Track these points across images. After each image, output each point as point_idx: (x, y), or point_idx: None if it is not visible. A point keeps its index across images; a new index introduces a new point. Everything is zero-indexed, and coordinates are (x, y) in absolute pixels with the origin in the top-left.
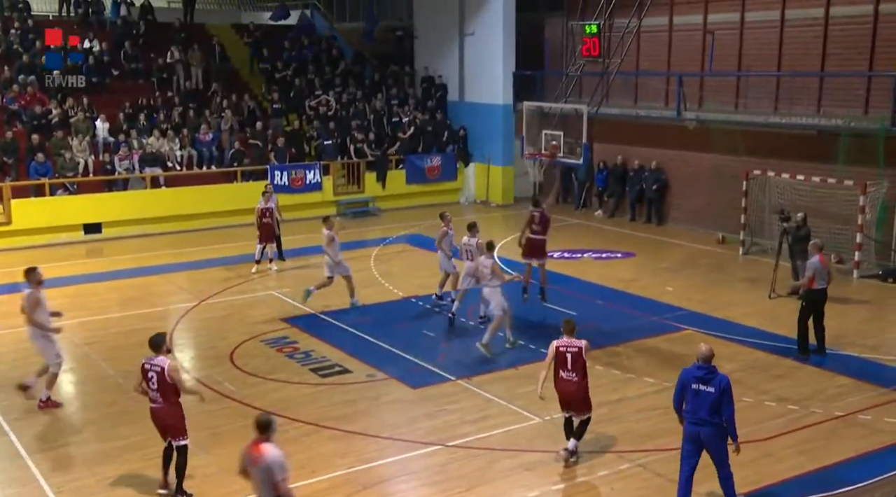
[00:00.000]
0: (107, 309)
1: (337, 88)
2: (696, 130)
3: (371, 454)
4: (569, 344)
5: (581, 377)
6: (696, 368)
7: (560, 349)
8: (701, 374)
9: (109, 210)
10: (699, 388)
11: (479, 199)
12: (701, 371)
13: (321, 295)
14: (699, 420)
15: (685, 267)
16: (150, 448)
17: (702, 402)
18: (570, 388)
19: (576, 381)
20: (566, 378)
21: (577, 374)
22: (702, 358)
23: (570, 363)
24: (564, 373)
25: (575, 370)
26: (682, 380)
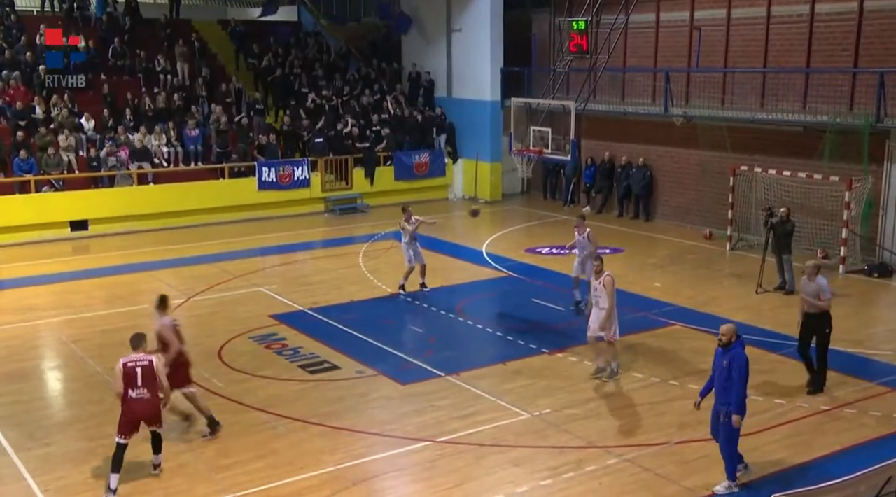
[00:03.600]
0: (93, 306)
1: (322, 82)
2: (683, 127)
3: (360, 450)
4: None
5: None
6: (742, 342)
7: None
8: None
9: (96, 207)
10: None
11: (467, 196)
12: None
13: (308, 292)
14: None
15: (673, 263)
16: (138, 447)
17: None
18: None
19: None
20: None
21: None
22: (734, 331)
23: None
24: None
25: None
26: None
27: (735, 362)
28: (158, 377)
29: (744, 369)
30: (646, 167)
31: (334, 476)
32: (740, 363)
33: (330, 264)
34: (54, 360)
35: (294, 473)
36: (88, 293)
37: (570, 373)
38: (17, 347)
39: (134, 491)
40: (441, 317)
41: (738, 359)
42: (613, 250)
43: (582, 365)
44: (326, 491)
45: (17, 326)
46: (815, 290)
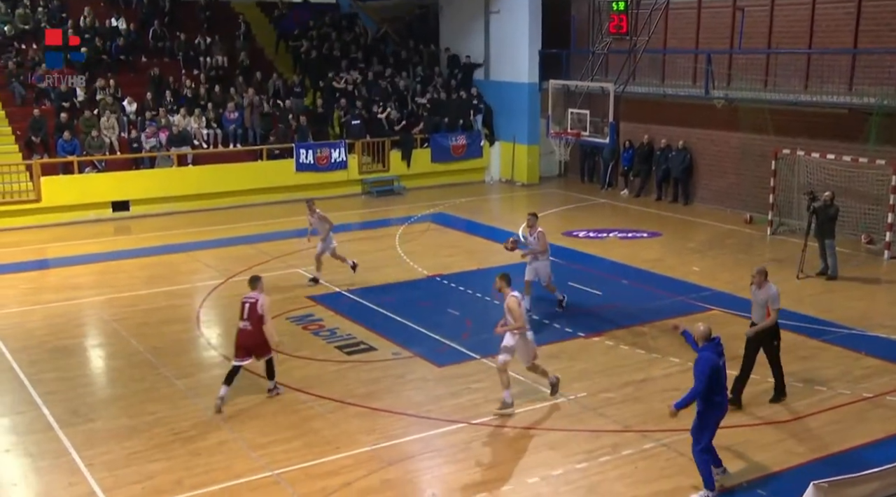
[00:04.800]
0: (134, 286)
1: (360, 65)
2: (724, 109)
3: (396, 431)
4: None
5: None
6: (716, 345)
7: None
8: (721, 349)
9: (137, 188)
10: (722, 362)
11: (503, 178)
12: (720, 346)
13: (345, 273)
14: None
15: (712, 247)
16: (177, 423)
17: (724, 375)
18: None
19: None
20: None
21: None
22: (706, 335)
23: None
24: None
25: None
26: (713, 366)
27: (697, 365)
28: (263, 314)
29: (703, 372)
30: (685, 150)
31: (370, 456)
32: (700, 366)
33: (367, 246)
34: (97, 338)
35: (331, 453)
36: (130, 273)
37: (606, 357)
38: (61, 325)
39: (177, 466)
40: (477, 300)
41: (700, 361)
42: (651, 234)
43: (618, 349)
44: (362, 470)
45: (61, 304)
46: (764, 299)
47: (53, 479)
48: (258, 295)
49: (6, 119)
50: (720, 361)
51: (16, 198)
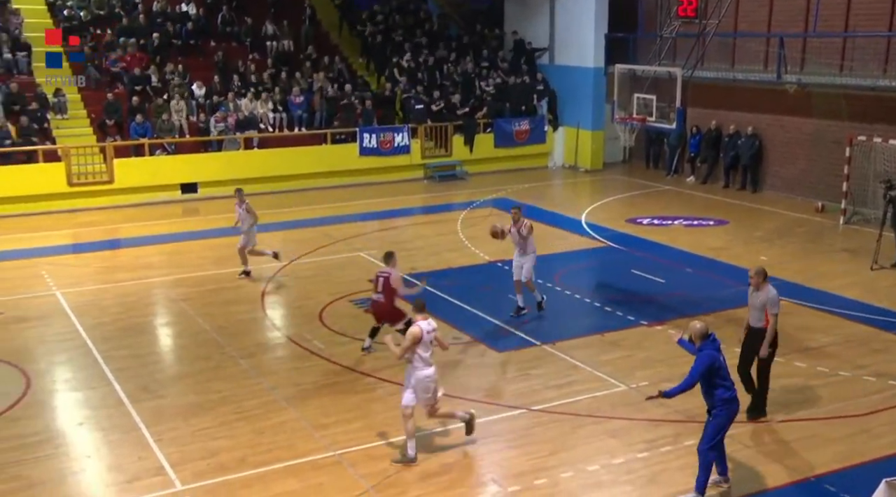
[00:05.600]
0: (202, 267)
1: (424, 49)
2: (796, 94)
3: None
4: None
5: None
6: (712, 342)
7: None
8: (719, 344)
9: (205, 170)
10: (723, 358)
11: (567, 164)
12: (717, 342)
13: (407, 257)
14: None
15: (781, 236)
16: (242, 401)
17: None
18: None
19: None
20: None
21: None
22: (704, 333)
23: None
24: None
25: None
26: (712, 362)
27: (696, 360)
28: (395, 288)
29: (696, 367)
30: (755, 136)
31: (430, 439)
32: (699, 360)
33: (429, 230)
34: (166, 316)
35: (392, 435)
36: (198, 254)
37: (669, 345)
38: (132, 304)
39: (241, 444)
40: (538, 286)
41: (700, 358)
42: (717, 222)
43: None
44: (422, 453)
45: (132, 283)
46: (762, 302)
47: (124, 452)
48: (391, 270)
49: (82, 102)
50: (720, 358)
51: (90, 179)
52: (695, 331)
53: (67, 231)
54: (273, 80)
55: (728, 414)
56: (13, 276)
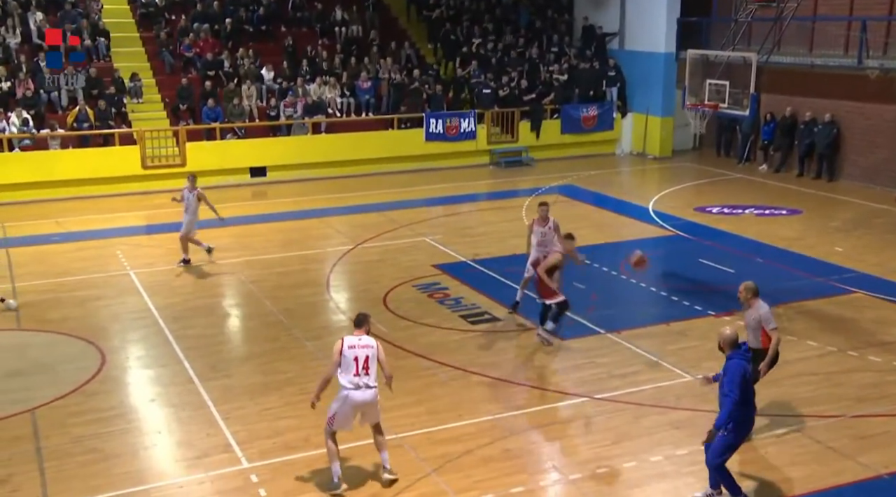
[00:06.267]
0: (269, 249)
1: (491, 36)
2: (878, 80)
3: (518, 402)
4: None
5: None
6: (744, 352)
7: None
8: (750, 356)
9: (273, 154)
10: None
11: (635, 151)
12: (750, 353)
13: (471, 243)
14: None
15: (858, 226)
16: (307, 383)
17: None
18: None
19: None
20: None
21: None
22: (733, 341)
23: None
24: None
25: None
26: (745, 370)
27: (727, 374)
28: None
29: (733, 380)
30: (832, 124)
31: (492, 425)
32: (730, 373)
33: (493, 217)
34: (234, 298)
35: (453, 420)
36: (265, 237)
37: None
38: (203, 284)
39: (305, 424)
40: (604, 274)
41: (730, 368)
42: (791, 211)
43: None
44: (485, 438)
45: (203, 265)
46: (756, 320)
47: (193, 429)
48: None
49: (156, 87)
50: (749, 368)
51: (164, 162)
52: (724, 337)
53: (141, 213)
54: (342, 65)
55: (742, 433)
56: (90, 255)
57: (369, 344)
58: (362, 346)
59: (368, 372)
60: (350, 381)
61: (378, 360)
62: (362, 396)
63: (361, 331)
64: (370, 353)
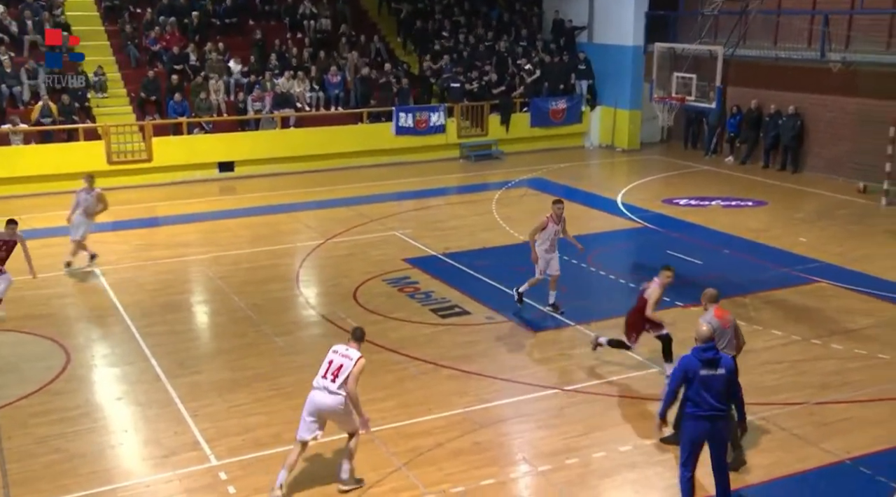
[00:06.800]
0: (238, 245)
1: (462, 29)
2: (840, 73)
3: (488, 395)
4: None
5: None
6: (702, 351)
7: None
8: (709, 357)
9: (242, 149)
10: (709, 374)
11: (603, 144)
12: (708, 353)
13: (442, 237)
14: (713, 411)
15: (821, 217)
16: (277, 378)
17: (714, 389)
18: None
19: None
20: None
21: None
22: (703, 338)
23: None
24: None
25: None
26: (685, 369)
27: (735, 369)
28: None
29: (673, 372)
30: (797, 116)
31: (462, 418)
32: (674, 368)
33: (463, 210)
34: (202, 294)
35: (424, 414)
36: (234, 232)
37: None
38: (170, 281)
39: (276, 420)
40: (573, 266)
41: (733, 363)
42: (756, 203)
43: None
44: (455, 432)
45: (170, 261)
46: (736, 324)
47: (160, 427)
48: (649, 284)
49: (121, 81)
50: (699, 368)
51: (129, 158)
52: (696, 332)
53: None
54: (311, 59)
55: (687, 433)
56: (55, 252)
57: (350, 356)
58: (343, 355)
59: (335, 379)
60: (317, 382)
61: (349, 372)
62: (321, 399)
63: (354, 343)
64: (346, 363)
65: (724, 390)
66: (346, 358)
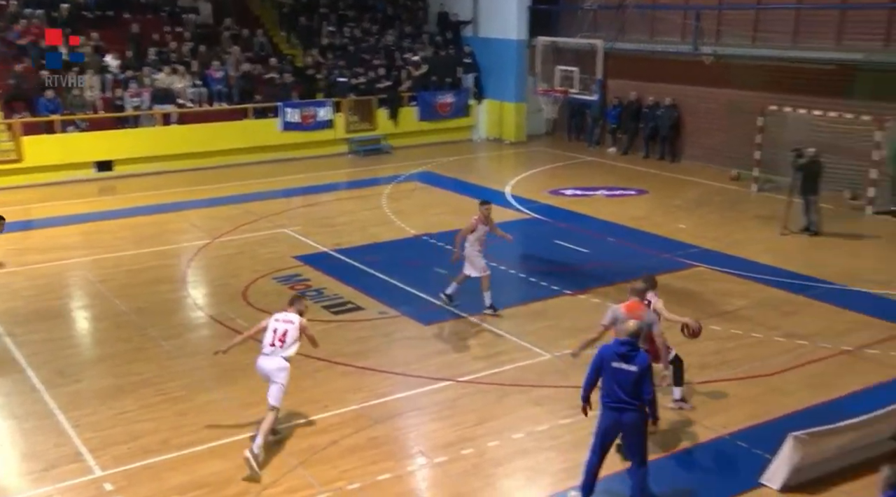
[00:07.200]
0: (121, 247)
1: (349, 23)
2: (712, 65)
3: (383, 389)
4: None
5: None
6: (619, 344)
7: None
8: (623, 351)
9: (121, 147)
10: (620, 367)
11: (491, 137)
12: (623, 347)
13: (332, 233)
14: (620, 403)
15: (698, 204)
16: (165, 383)
17: (622, 383)
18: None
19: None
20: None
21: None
22: (626, 332)
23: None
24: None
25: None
26: (601, 357)
27: (648, 368)
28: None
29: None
30: (673, 107)
31: (358, 414)
32: (650, 367)
33: (353, 206)
34: (82, 299)
35: (319, 411)
36: (115, 233)
37: (593, 314)
38: (46, 286)
39: (164, 426)
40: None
41: (647, 361)
42: (638, 192)
43: (605, 306)
44: (350, 428)
45: (46, 266)
46: (651, 321)
47: (39, 439)
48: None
49: None
50: (612, 359)
51: None
52: (623, 327)
53: None
54: (192, 53)
55: (598, 420)
56: None
57: (291, 320)
58: (284, 321)
59: (283, 344)
60: (265, 350)
61: (301, 333)
62: (268, 363)
63: (292, 308)
64: (290, 327)
65: (631, 386)
66: (288, 323)
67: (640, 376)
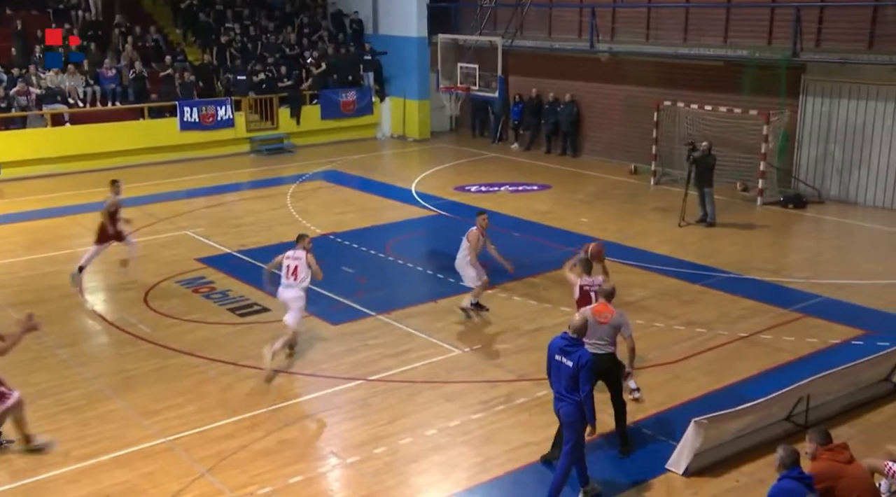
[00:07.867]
0: (11, 252)
1: (246, 21)
2: (609, 62)
3: (293, 391)
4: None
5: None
6: (561, 338)
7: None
8: (563, 345)
9: (8, 149)
10: (560, 361)
11: (395, 134)
12: (564, 341)
13: (236, 234)
14: (559, 394)
15: (599, 198)
16: (64, 393)
17: (561, 376)
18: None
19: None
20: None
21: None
22: (571, 327)
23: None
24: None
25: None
26: (549, 348)
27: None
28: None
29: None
30: (573, 103)
31: (267, 417)
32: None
33: (258, 205)
34: None
35: (226, 416)
36: (7, 238)
37: (500, 308)
38: None
39: (64, 437)
40: (371, 256)
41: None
42: (541, 187)
43: (511, 300)
44: (260, 432)
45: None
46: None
47: None
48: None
49: None
50: (555, 352)
51: None
52: (572, 323)
53: None
54: (84, 51)
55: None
56: None
57: (299, 256)
58: (294, 258)
59: (296, 277)
60: (283, 282)
61: (309, 266)
62: (287, 293)
63: (299, 246)
64: (300, 263)
65: (569, 380)
66: (297, 259)
67: (576, 372)
